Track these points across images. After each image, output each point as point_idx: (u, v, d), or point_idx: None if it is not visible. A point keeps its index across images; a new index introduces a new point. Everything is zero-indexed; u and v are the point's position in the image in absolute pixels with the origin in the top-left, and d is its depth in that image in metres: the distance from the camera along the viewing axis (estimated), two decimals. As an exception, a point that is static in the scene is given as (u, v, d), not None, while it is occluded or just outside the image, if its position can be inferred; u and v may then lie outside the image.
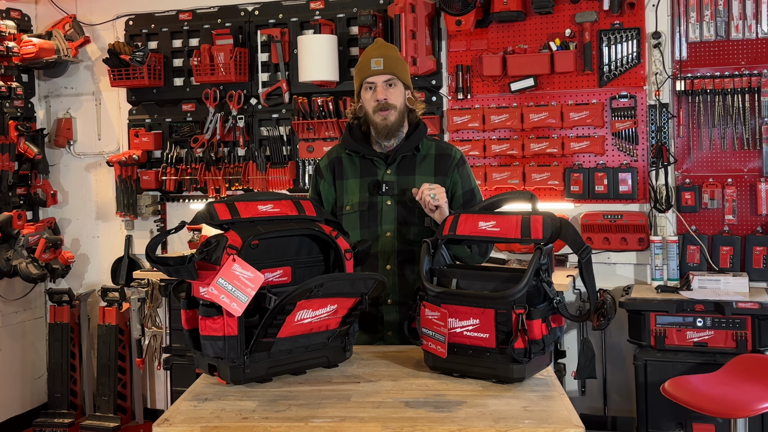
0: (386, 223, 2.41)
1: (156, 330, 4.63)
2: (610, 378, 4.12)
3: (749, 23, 3.84)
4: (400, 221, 2.40)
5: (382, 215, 2.41)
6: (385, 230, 2.40)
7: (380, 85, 2.39)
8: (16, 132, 4.71)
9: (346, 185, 2.46)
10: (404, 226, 2.40)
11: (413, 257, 2.36)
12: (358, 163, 2.47)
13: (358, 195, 2.43)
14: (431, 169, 2.45)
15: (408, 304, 2.22)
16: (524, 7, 4.08)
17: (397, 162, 2.44)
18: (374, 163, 2.46)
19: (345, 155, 2.50)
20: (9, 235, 4.59)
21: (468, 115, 4.21)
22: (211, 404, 1.74)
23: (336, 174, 2.49)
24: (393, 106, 2.39)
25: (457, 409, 1.67)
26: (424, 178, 2.40)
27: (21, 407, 4.89)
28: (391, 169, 2.44)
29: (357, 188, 2.44)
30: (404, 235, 2.40)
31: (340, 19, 4.42)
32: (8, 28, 4.70)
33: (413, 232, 2.39)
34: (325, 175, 2.51)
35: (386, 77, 2.39)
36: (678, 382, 3.09)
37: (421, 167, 2.45)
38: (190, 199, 4.80)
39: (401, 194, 2.40)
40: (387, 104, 2.38)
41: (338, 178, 2.48)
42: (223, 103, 4.64)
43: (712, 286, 3.70)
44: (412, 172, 2.44)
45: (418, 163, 2.46)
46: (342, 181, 2.47)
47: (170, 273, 1.79)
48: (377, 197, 2.41)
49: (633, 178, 3.99)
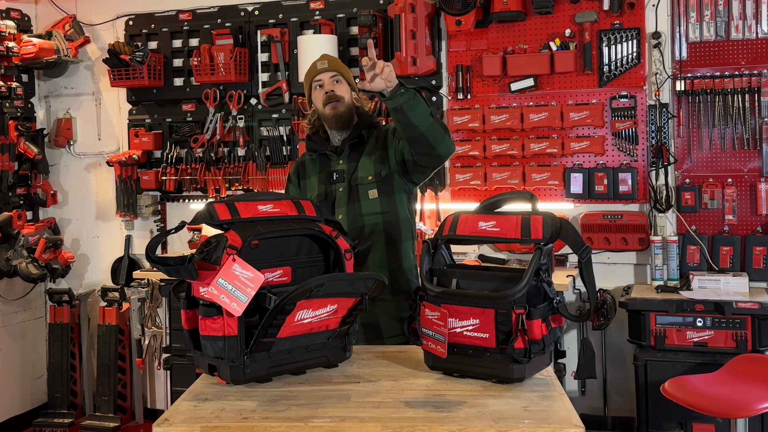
0: (339, 207, 2.60)
1: (156, 330, 4.62)
2: (610, 378, 4.12)
3: (749, 23, 3.84)
4: (349, 203, 2.59)
5: (336, 201, 2.61)
6: (337, 213, 2.59)
7: (327, 80, 2.64)
8: (16, 132, 4.71)
9: (309, 183, 2.70)
10: (352, 204, 2.58)
11: (362, 232, 2.55)
12: (318, 161, 2.71)
13: (317, 188, 2.66)
14: (373, 148, 2.63)
15: None
16: (524, 7, 4.08)
17: (347, 152, 2.65)
18: (329, 157, 2.68)
19: (308, 158, 2.75)
20: (9, 235, 4.59)
21: (468, 115, 4.21)
22: (211, 404, 1.74)
23: (300, 176, 2.74)
24: (341, 98, 2.62)
25: (457, 409, 1.67)
26: (368, 159, 2.61)
27: (21, 407, 4.89)
28: (342, 159, 2.65)
29: (316, 182, 2.68)
30: (354, 213, 2.57)
31: (340, 19, 4.42)
32: (8, 28, 4.70)
33: (361, 208, 2.57)
34: (293, 179, 2.77)
35: (331, 73, 2.64)
36: (678, 382, 3.09)
37: (366, 150, 2.65)
38: (190, 199, 4.80)
39: (351, 180, 2.60)
40: (335, 95, 2.62)
41: (302, 179, 2.73)
42: (223, 103, 4.64)
43: (712, 286, 3.70)
44: (358, 158, 2.63)
45: (365, 148, 2.64)
46: (305, 181, 2.72)
47: (170, 273, 1.79)
48: (331, 186, 2.63)
49: (633, 178, 3.99)
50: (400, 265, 2.61)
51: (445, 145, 2.45)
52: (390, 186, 2.59)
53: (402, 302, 2.53)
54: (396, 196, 2.61)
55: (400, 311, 2.55)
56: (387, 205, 2.59)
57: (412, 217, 2.68)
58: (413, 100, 2.34)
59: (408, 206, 2.66)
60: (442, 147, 2.44)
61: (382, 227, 2.58)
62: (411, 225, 2.66)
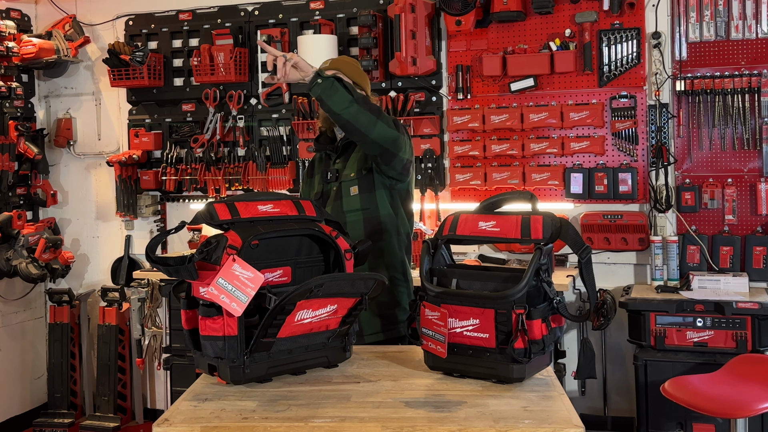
0: (328, 205, 2.65)
1: (156, 330, 4.63)
2: (610, 378, 4.12)
3: (749, 23, 3.84)
4: (335, 200, 2.64)
5: (331, 200, 2.66)
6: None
7: None
8: (16, 132, 4.71)
9: (314, 181, 2.79)
10: (337, 201, 2.62)
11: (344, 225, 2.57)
12: (323, 160, 2.78)
13: (317, 187, 2.73)
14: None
15: None
16: (524, 7, 4.08)
17: (342, 151, 2.69)
18: (330, 157, 2.74)
19: (317, 157, 2.83)
20: (9, 235, 4.59)
21: (468, 115, 4.21)
22: (211, 404, 1.74)
23: (308, 174, 2.85)
24: None
25: (457, 409, 1.67)
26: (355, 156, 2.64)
27: (21, 407, 4.89)
28: (340, 159, 2.70)
29: (317, 182, 2.75)
30: (337, 210, 2.61)
31: (340, 19, 4.42)
32: (8, 28, 4.70)
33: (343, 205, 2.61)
34: (305, 178, 2.87)
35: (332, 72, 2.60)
36: (678, 382, 3.09)
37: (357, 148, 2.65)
38: (190, 199, 4.80)
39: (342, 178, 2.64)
40: None
41: (309, 177, 2.83)
42: (223, 103, 4.64)
43: (712, 286, 3.70)
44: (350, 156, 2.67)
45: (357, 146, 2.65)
46: (311, 179, 2.82)
47: (170, 273, 1.79)
48: (327, 186, 2.68)
49: (633, 178, 3.99)
50: (381, 262, 2.59)
51: (378, 131, 2.40)
52: (371, 183, 2.60)
53: (382, 299, 2.46)
54: (376, 193, 2.60)
55: (380, 309, 2.55)
56: (367, 201, 2.59)
57: (397, 214, 2.63)
58: (331, 89, 2.33)
59: (391, 203, 2.62)
60: (375, 133, 2.40)
61: (362, 224, 2.58)
62: (395, 222, 2.62)
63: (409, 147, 2.58)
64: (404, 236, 2.66)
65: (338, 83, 2.35)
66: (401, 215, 2.66)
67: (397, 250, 2.63)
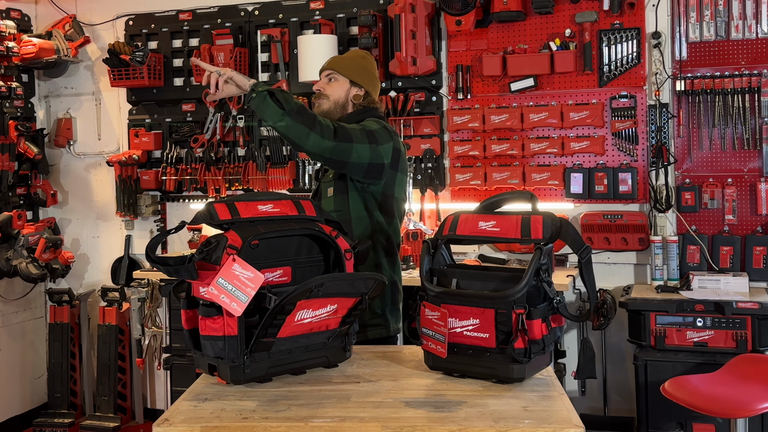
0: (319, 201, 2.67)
1: (156, 330, 4.62)
2: (610, 378, 4.12)
3: (749, 23, 3.84)
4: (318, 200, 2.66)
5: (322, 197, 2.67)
6: None
7: (321, 78, 2.73)
8: (16, 132, 4.71)
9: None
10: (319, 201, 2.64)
11: None
12: None
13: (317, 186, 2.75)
14: None
15: None
16: (524, 7, 4.08)
17: None
18: None
19: None
20: (9, 235, 4.59)
21: (468, 115, 4.21)
22: (211, 404, 1.74)
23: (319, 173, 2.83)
24: (325, 95, 2.69)
25: (457, 409, 1.67)
26: None
27: (21, 407, 4.89)
28: None
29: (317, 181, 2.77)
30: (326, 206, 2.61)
31: (340, 19, 4.42)
32: (8, 28, 4.70)
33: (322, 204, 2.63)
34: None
35: (327, 72, 2.71)
36: (678, 382, 3.09)
37: None
38: (190, 199, 4.80)
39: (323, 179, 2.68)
40: (320, 93, 2.70)
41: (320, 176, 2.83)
42: (223, 103, 4.64)
43: (712, 286, 3.70)
44: None
45: None
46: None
47: (170, 273, 1.79)
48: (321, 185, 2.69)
49: (633, 178, 3.99)
50: None
51: (311, 143, 2.36)
52: (344, 184, 2.59)
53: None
54: (349, 195, 2.58)
55: None
56: (340, 203, 2.59)
57: (371, 216, 2.58)
58: (263, 104, 2.35)
59: (365, 205, 2.57)
60: (309, 144, 2.36)
61: None
62: (368, 223, 2.57)
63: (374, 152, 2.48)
64: (382, 239, 2.60)
65: (270, 98, 2.34)
66: (376, 217, 2.59)
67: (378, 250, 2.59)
